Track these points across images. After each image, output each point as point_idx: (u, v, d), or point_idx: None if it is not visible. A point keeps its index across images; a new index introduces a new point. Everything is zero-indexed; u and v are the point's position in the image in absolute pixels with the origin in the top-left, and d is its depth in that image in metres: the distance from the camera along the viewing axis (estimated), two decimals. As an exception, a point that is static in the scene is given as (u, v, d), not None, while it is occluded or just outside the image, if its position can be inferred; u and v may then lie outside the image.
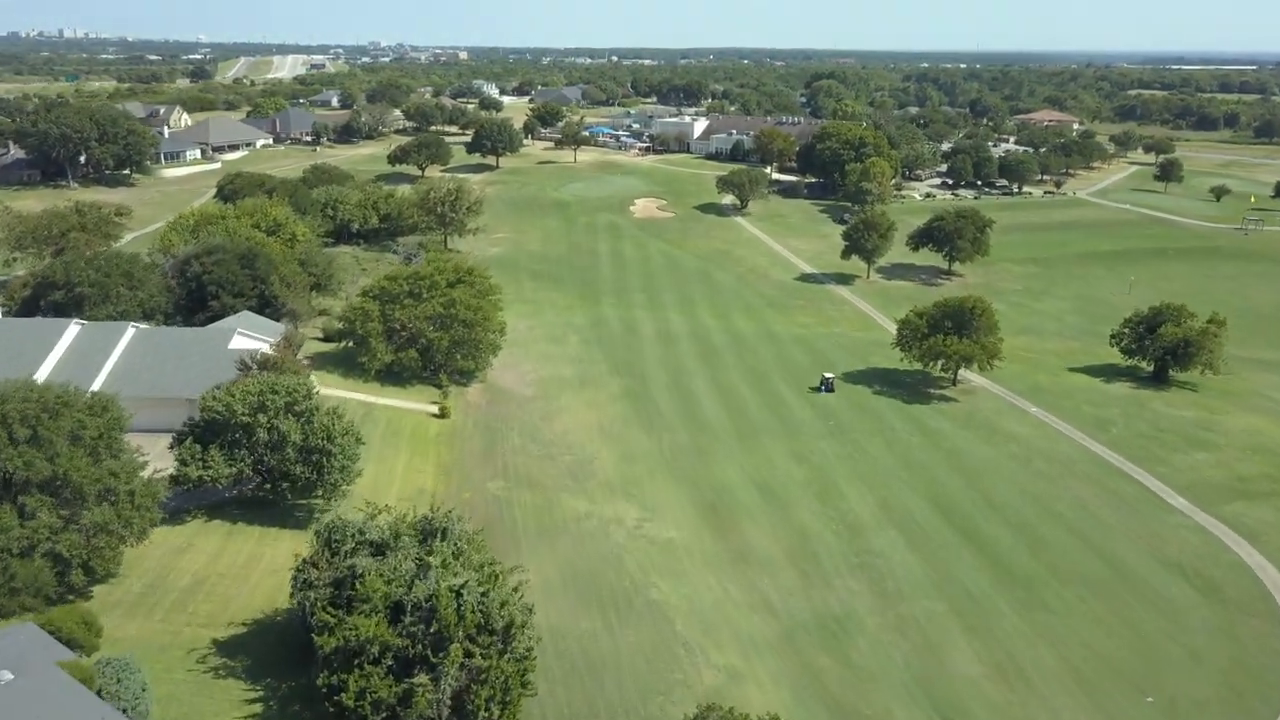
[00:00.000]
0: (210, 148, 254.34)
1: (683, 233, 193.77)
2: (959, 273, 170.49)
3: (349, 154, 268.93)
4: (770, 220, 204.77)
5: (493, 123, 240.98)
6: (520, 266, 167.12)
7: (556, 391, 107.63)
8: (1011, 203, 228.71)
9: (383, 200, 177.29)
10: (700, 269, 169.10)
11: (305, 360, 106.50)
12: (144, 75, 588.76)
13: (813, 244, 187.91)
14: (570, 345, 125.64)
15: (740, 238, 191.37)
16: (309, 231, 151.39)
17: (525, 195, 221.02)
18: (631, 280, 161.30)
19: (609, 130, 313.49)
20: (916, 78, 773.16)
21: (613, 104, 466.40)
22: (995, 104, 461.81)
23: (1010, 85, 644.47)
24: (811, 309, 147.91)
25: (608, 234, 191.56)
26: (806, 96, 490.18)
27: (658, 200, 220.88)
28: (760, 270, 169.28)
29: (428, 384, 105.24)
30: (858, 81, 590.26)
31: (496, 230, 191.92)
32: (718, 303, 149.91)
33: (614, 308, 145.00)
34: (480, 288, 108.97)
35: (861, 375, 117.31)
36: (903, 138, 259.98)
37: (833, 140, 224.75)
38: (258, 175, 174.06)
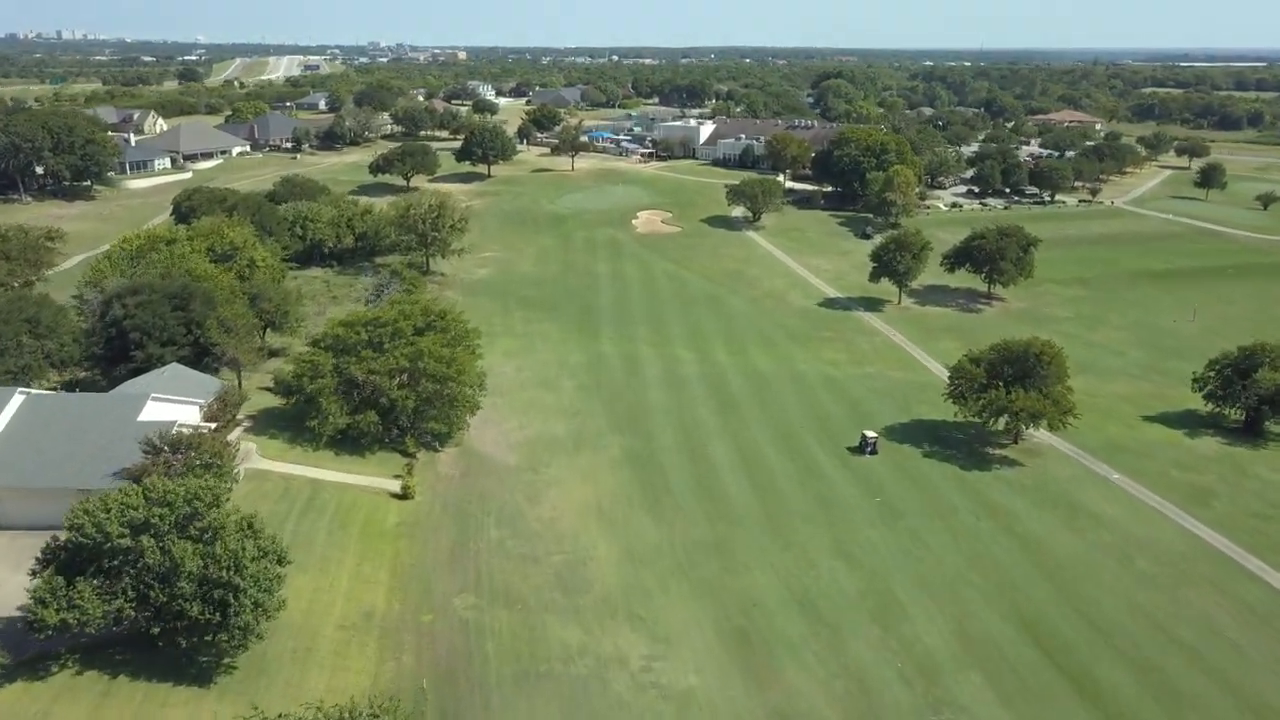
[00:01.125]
0: (181, 156, 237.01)
1: (690, 250, 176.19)
2: (999, 296, 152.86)
3: (331, 162, 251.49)
4: (786, 235, 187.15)
5: (484, 128, 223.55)
6: (510, 292, 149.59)
7: (546, 456, 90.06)
8: (1045, 213, 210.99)
9: (358, 217, 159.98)
10: (710, 293, 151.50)
11: (245, 422, 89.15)
12: (129, 78, 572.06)
13: (834, 262, 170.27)
14: (564, 392, 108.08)
15: (753, 255, 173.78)
16: (271, 255, 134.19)
17: (518, 208, 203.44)
18: (634, 307, 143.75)
19: (609, 135, 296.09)
20: (923, 76, 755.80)
21: (613, 105, 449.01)
22: (1010, 104, 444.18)
23: (1021, 84, 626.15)
24: (839, 341, 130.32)
25: (608, 252, 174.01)
26: (814, 97, 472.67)
27: (662, 213, 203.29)
28: (778, 294, 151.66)
29: (392, 450, 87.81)
30: (865, 81, 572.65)
31: (485, 248, 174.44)
32: (732, 334, 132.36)
33: (615, 342, 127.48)
34: (454, 333, 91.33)
35: (906, 431, 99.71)
36: (923, 142, 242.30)
37: (851, 146, 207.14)
38: (218, 191, 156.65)
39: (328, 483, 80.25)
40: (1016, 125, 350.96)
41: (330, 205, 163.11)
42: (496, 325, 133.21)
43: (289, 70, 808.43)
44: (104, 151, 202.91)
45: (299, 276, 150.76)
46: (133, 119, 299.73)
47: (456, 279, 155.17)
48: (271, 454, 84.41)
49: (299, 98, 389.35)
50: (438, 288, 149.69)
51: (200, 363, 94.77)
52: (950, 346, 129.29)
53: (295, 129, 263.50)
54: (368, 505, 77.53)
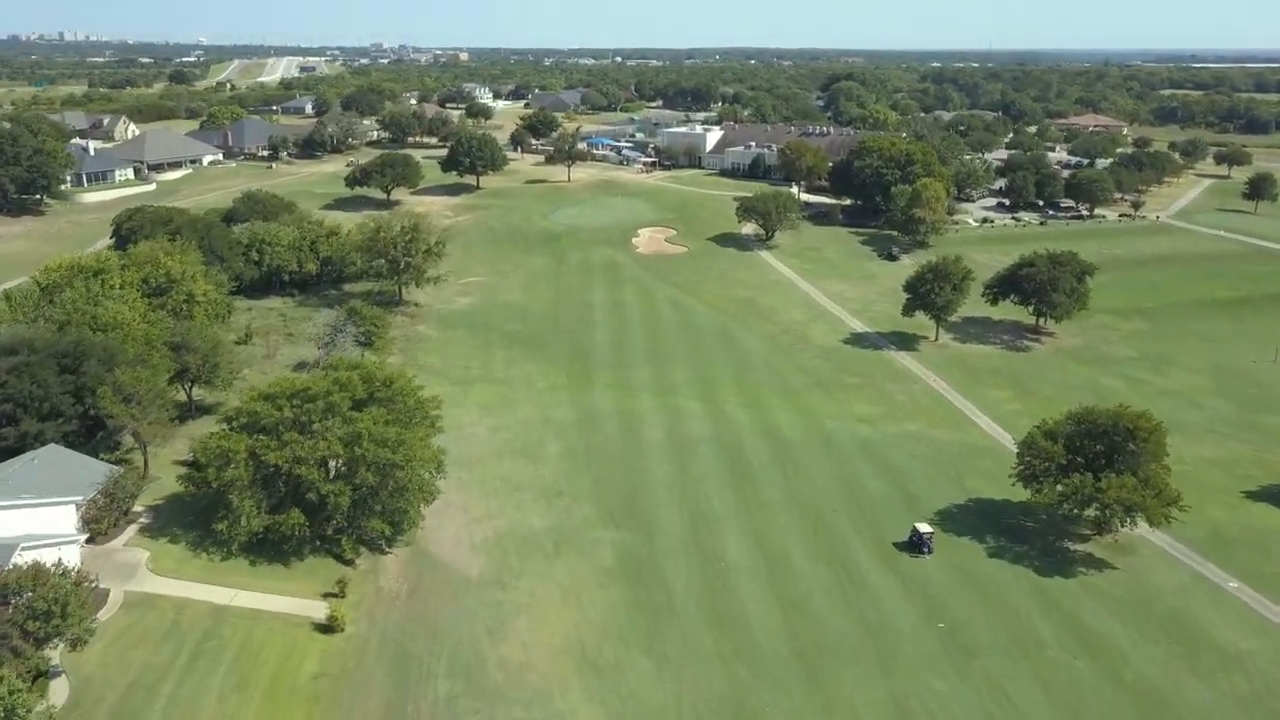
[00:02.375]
0: (146, 166, 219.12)
1: (697, 273, 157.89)
2: (1048, 330, 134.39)
3: (308, 172, 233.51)
4: (803, 256, 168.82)
5: (471, 136, 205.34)
6: (492, 325, 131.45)
7: (518, 563, 71.88)
8: (1086, 230, 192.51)
9: (323, 240, 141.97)
10: (721, 327, 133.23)
11: (143, 518, 71.14)
12: (117, 80, 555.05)
13: (859, 289, 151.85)
14: (547, 461, 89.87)
15: (767, 280, 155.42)
16: (215, 288, 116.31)
17: (508, 225, 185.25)
18: (634, 345, 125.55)
19: (609, 141, 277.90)
20: (933, 78, 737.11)
21: (615, 109, 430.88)
22: (1029, 106, 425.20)
23: (1036, 86, 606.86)
24: (871, 389, 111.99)
25: (605, 276, 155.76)
26: (824, 100, 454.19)
27: (665, 230, 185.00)
28: (797, 328, 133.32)
29: (324, 555, 69.73)
30: (875, 83, 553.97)
31: (469, 271, 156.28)
32: (747, 379, 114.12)
33: (610, 390, 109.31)
34: (405, 406, 73.06)
35: (964, 516, 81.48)
36: (948, 150, 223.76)
37: (873, 156, 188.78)
38: (162, 210, 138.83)
39: (234, 610, 62.16)
40: (1040, 130, 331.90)
41: (292, 225, 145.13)
42: (474, 369, 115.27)
43: (287, 72, 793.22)
44: (53, 162, 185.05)
45: (253, 308, 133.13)
46: (102, 124, 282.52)
47: (432, 310, 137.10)
48: (168, 565, 66.39)
49: (282, 101, 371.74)
50: (409, 321, 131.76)
51: (93, 439, 76.89)
52: (1000, 396, 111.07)
53: (271, 136, 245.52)
54: (280, 646, 59.36)
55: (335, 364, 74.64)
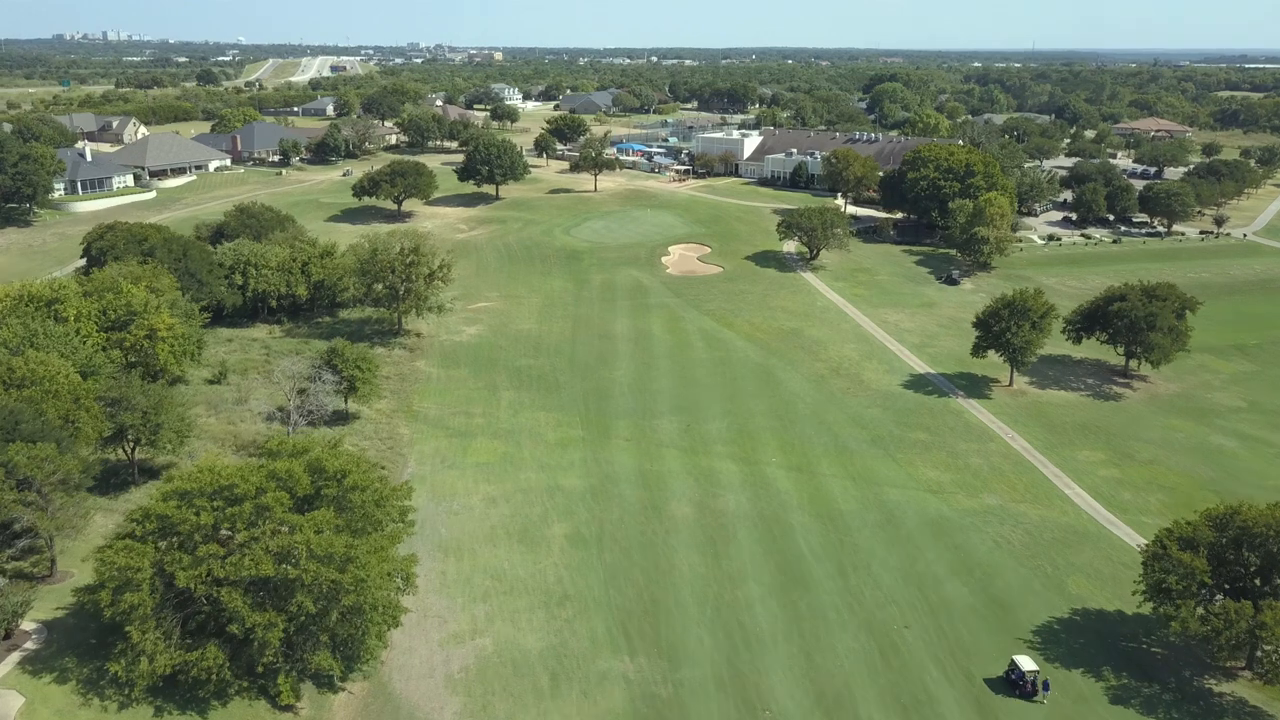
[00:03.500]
0: (147, 172, 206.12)
1: (733, 299, 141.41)
2: (1139, 374, 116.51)
3: (319, 179, 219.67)
4: (852, 278, 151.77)
5: (489, 144, 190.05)
6: (500, 362, 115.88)
7: (503, 707, 55.95)
8: (1165, 249, 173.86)
9: (316, 261, 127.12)
10: (761, 365, 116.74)
11: (30, 640, 56.16)
12: (143, 80, 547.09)
13: (917, 318, 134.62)
14: (550, 549, 74.00)
15: (813, 308, 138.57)
16: (183, 323, 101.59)
17: (526, 240, 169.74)
18: (660, 386, 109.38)
19: (640, 146, 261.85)
20: (977, 78, 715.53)
21: (648, 111, 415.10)
22: (1084, 109, 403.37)
23: (1087, 88, 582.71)
24: (941, 449, 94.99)
25: (630, 302, 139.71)
26: (867, 102, 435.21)
27: (699, 247, 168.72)
28: (849, 367, 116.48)
29: (255, 697, 54.26)
30: (919, 84, 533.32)
31: (479, 295, 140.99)
32: (792, 434, 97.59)
33: (632, 447, 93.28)
34: (361, 504, 57.22)
35: (1071, 638, 64.55)
36: (1007, 158, 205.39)
37: (929, 167, 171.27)
38: (136, 228, 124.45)
39: (117, 791, 46.75)
40: (1100, 135, 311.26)
41: (284, 244, 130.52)
42: (476, 417, 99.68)
43: (320, 72, 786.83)
44: (40, 169, 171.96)
45: (234, 339, 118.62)
46: (111, 126, 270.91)
47: (435, 342, 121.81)
48: (46, 714, 51.17)
49: (306, 102, 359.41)
50: (407, 356, 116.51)
51: (-17, 531, 61.96)
52: (1093, 459, 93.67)
53: (282, 140, 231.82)
54: None
55: (278, 447, 58.89)
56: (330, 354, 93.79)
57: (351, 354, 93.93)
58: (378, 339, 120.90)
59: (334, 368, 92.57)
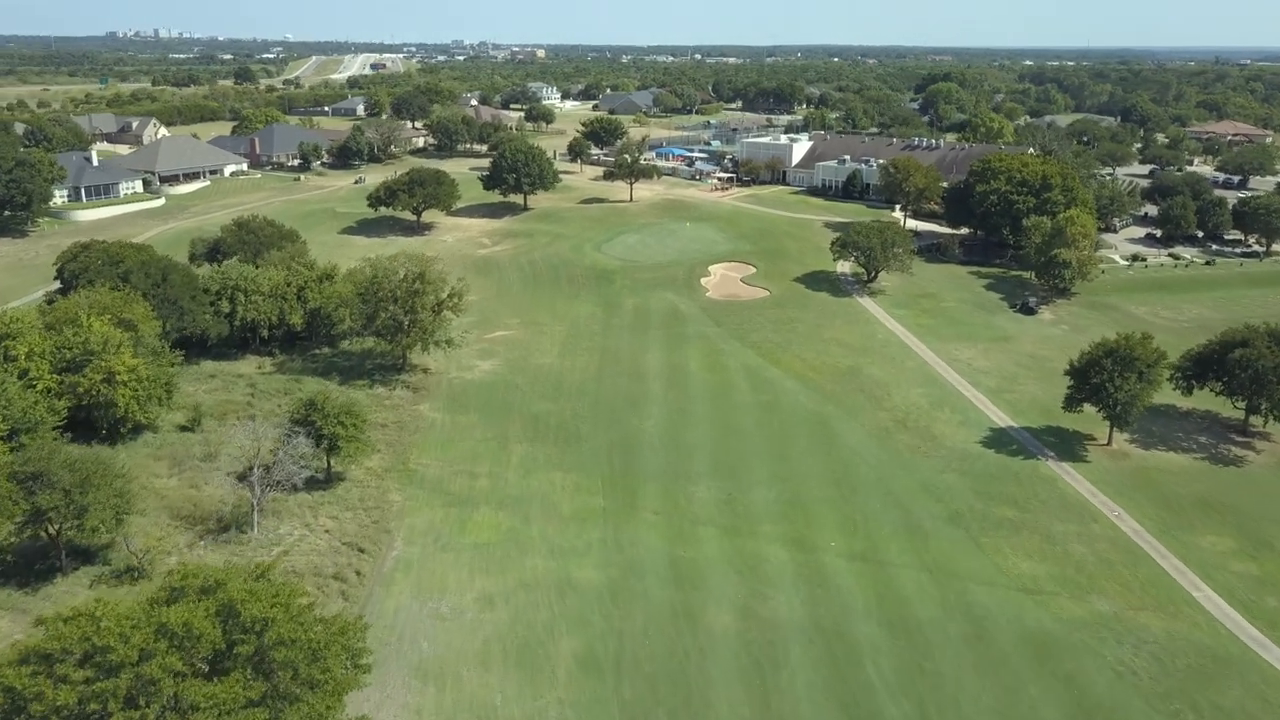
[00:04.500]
0: (158, 178, 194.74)
1: (782, 329, 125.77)
2: (1261, 430, 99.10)
3: (338, 185, 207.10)
4: (915, 306, 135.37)
5: (517, 150, 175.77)
6: (515, 406, 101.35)
7: None
8: (1267, 273, 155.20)
9: (313, 286, 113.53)
10: (815, 413, 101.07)
11: None
12: (180, 78, 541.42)
13: (992, 356, 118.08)
14: (554, 678, 59.18)
15: (873, 341, 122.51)
16: (146, 363, 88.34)
17: (553, 258, 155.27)
18: (697, 439, 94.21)
19: (680, 151, 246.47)
20: (1032, 77, 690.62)
21: (690, 111, 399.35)
22: (1152, 111, 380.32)
23: (1150, 88, 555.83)
24: (1033, 530, 78.90)
25: (665, 332, 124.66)
26: (919, 103, 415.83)
27: (743, 266, 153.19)
28: (918, 418, 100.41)
29: None
30: (974, 83, 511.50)
31: (498, 321, 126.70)
32: (854, 506, 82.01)
33: (661, 524, 78.36)
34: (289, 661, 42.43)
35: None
36: (1081, 166, 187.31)
37: (1000, 179, 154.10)
38: (113, 248, 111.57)
39: None
40: (1174, 140, 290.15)
41: (280, 265, 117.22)
42: (480, 479, 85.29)
43: (361, 70, 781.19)
44: (37, 177, 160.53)
45: (218, 375, 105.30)
46: (131, 128, 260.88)
47: (443, 381, 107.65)
48: None
49: (337, 101, 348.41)
50: (410, 398, 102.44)
51: None
52: (1221, 547, 77.04)
53: (302, 144, 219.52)
54: None
55: (183, 579, 44.16)
56: (308, 408, 79.56)
57: (334, 407, 79.69)
58: (379, 376, 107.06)
59: (311, 424, 78.39)
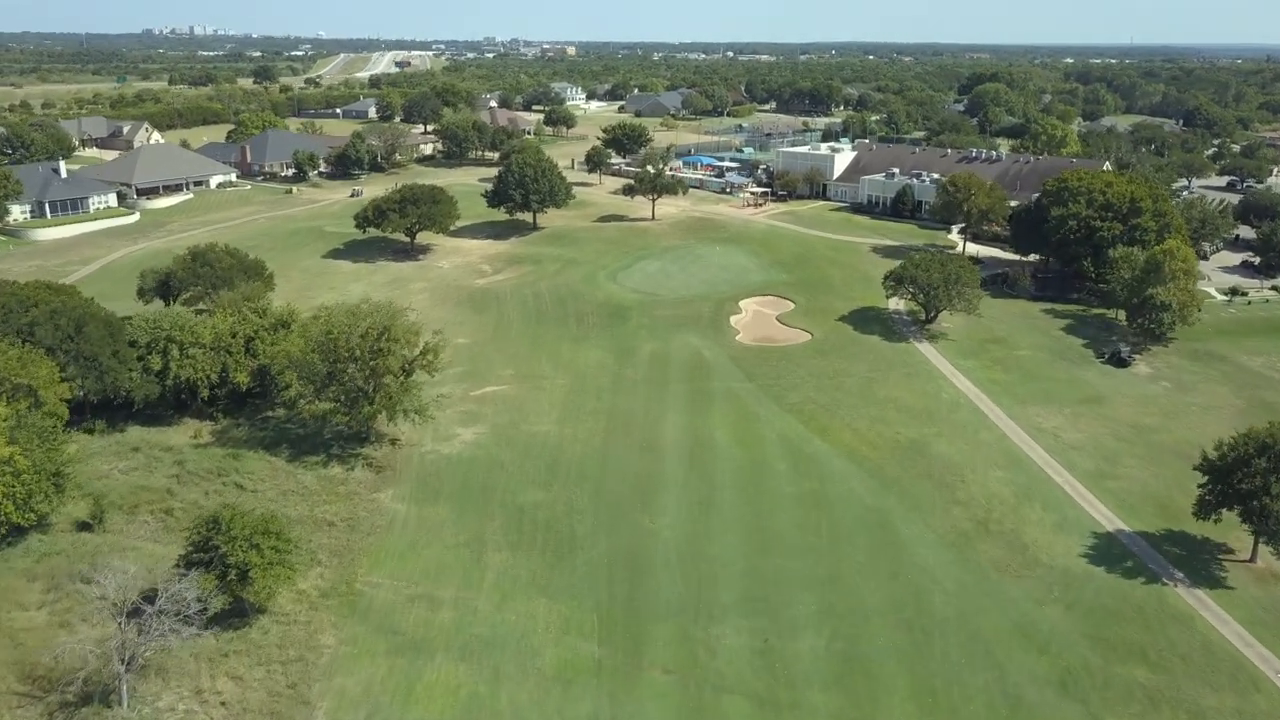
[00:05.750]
0: (134, 191, 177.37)
1: (827, 384, 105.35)
2: None
3: (333, 199, 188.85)
4: (983, 354, 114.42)
5: (524, 164, 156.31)
6: (497, 493, 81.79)
7: None
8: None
9: (264, 335, 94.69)
10: (873, 509, 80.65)
11: None
12: (197, 76, 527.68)
13: (1083, 423, 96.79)
14: None
15: (937, 401, 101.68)
16: (27, 453, 69.86)
17: (562, 289, 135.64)
18: (723, 553, 74.16)
19: (710, 160, 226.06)
20: (1077, 76, 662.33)
21: (721, 113, 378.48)
22: (1217, 115, 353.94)
23: (1207, 88, 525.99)
24: (1176, 707, 58.32)
25: (687, 386, 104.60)
26: (965, 104, 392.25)
27: (779, 301, 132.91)
28: (1002, 517, 79.72)
29: None
30: (1021, 82, 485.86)
31: (490, 373, 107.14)
32: (931, 663, 61.76)
33: (674, 690, 58.63)
34: None
35: None
36: (1162, 182, 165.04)
37: (1079, 201, 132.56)
38: (27, 291, 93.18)
39: None
40: (1250, 147, 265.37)
41: (229, 309, 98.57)
42: (442, 609, 65.99)
43: (387, 68, 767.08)
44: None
45: (142, 446, 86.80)
46: (122, 132, 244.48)
47: (414, 455, 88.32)
48: None
49: (348, 103, 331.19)
50: (370, 480, 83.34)
51: None
52: None
53: (296, 152, 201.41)
54: None
55: None
56: (210, 529, 60.37)
57: (245, 527, 60.45)
58: (338, 449, 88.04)
59: (214, 551, 59.24)
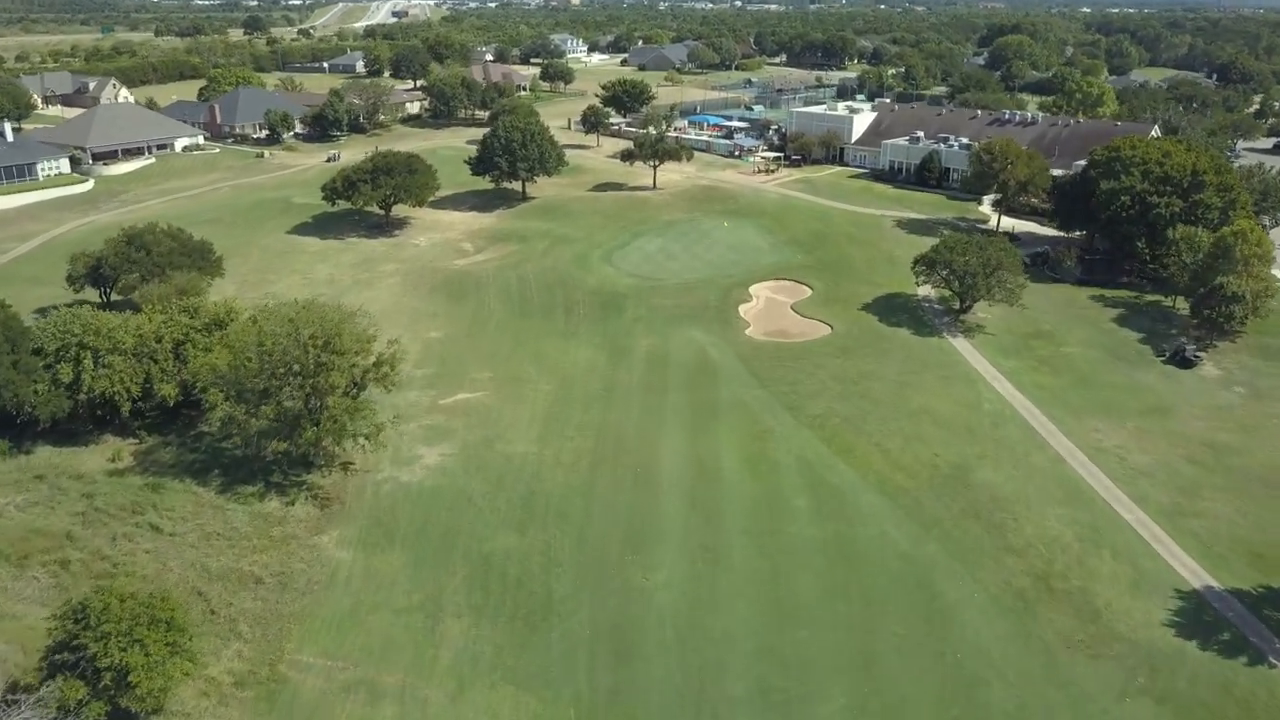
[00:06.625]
0: (89, 155, 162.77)
1: (852, 392, 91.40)
2: None
3: (310, 164, 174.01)
4: (1027, 352, 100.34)
5: (511, 126, 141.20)
6: (462, 536, 68.46)
7: None
8: None
9: (196, 339, 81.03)
10: (910, 559, 67.21)
11: None
12: (185, 27, 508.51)
13: (1149, 442, 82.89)
14: None
15: (979, 413, 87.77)
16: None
17: (550, 272, 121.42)
18: (731, 627, 60.95)
19: (718, 119, 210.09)
20: (1098, 26, 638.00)
21: (729, 67, 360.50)
22: (1256, 68, 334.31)
23: (1234, 40, 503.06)
24: None
25: (689, 395, 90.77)
26: (985, 58, 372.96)
27: (794, 285, 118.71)
28: (1067, 571, 66.24)
29: None
30: (1043, 33, 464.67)
31: (464, 375, 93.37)
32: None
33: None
34: None
35: None
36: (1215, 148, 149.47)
37: (1133, 173, 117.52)
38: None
39: None
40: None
41: (156, 307, 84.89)
42: (383, 701, 53.16)
43: (386, 18, 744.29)
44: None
45: (47, 474, 73.81)
46: (87, 89, 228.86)
47: (368, 485, 74.99)
48: None
49: (334, 56, 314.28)
50: (314, 518, 70.14)
51: None
52: None
53: (269, 112, 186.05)
54: None
55: None
56: (76, 621, 47.22)
57: (125, 617, 47.24)
58: (281, 475, 74.78)
59: (80, 652, 46.19)
